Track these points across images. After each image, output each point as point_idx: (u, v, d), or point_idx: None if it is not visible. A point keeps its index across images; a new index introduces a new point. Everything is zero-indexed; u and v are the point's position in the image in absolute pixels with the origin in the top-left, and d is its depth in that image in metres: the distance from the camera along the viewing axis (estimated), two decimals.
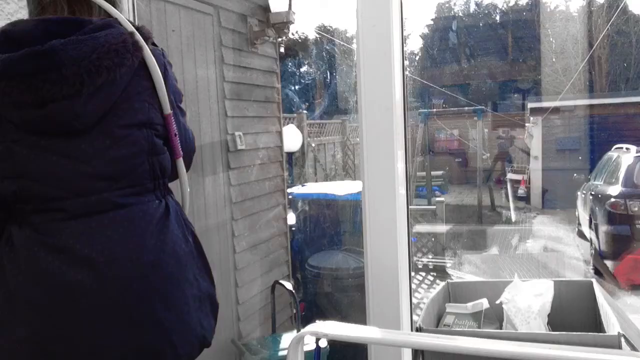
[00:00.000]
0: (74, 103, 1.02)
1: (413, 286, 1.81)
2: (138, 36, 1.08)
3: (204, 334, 1.15)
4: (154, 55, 1.11)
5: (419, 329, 1.47)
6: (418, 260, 6.10)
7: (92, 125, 1.05)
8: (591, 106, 9.36)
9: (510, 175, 10.01)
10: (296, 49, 12.45)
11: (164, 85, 1.12)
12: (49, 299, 1.02)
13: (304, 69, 13.58)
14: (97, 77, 1.02)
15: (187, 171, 1.23)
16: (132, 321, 1.05)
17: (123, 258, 1.05)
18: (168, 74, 1.16)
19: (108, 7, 1.11)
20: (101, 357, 1.04)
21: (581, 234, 6.65)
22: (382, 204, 1.59)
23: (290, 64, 12.62)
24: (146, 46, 1.09)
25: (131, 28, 1.09)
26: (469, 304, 1.60)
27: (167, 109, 1.13)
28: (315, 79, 12.99)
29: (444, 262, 6.22)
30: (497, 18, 13.76)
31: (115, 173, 1.07)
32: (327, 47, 13.03)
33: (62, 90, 1.00)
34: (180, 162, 1.19)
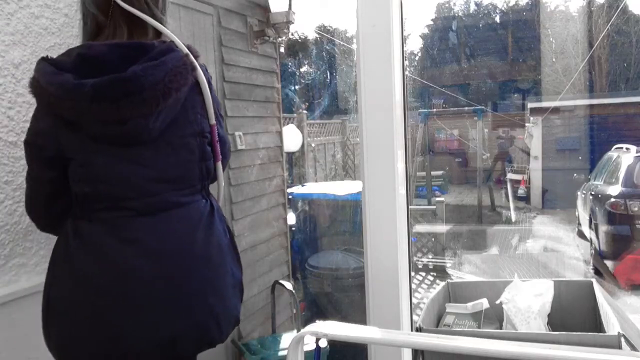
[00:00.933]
0: (148, 120, 1.18)
1: (413, 286, 1.81)
2: (191, 57, 1.23)
3: (236, 315, 1.35)
4: (203, 71, 1.27)
5: (419, 329, 1.47)
6: (418, 260, 6.09)
7: (157, 136, 1.21)
8: (591, 106, 9.36)
9: (510, 175, 10.01)
10: (296, 49, 12.45)
11: (210, 99, 1.28)
12: (118, 285, 1.18)
13: (303, 69, 13.58)
14: (168, 98, 1.18)
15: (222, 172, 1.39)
16: (190, 306, 1.22)
17: (183, 250, 1.23)
18: (212, 87, 1.32)
19: (165, 31, 1.26)
20: (159, 332, 1.20)
21: (581, 234, 6.65)
22: (382, 204, 1.59)
23: (290, 64, 12.62)
24: (198, 65, 1.25)
25: (185, 50, 1.23)
26: (469, 304, 1.60)
27: (213, 120, 1.30)
28: (315, 79, 12.99)
29: (444, 262, 6.22)
30: (497, 18, 13.75)
31: (174, 176, 1.25)
32: (327, 47, 13.03)
33: (142, 110, 1.16)
34: (219, 165, 1.35)
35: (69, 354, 1.23)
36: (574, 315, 1.57)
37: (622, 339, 1.19)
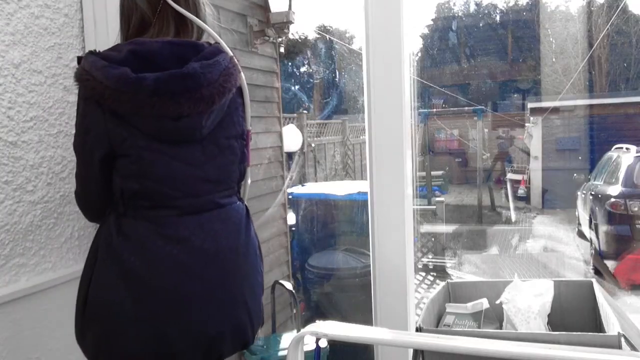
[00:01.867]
0: (202, 118, 1.19)
1: (413, 286, 1.81)
2: (235, 59, 1.26)
3: (263, 317, 1.37)
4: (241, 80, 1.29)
5: (419, 329, 1.47)
6: (418, 261, 6.09)
7: (206, 135, 1.22)
8: (591, 106, 9.36)
9: (510, 175, 10.01)
10: (296, 49, 12.45)
11: (249, 103, 1.31)
12: (164, 283, 1.19)
13: (303, 69, 13.57)
14: (222, 97, 1.20)
15: None
16: (233, 306, 1.25)
17: (225, 250, 1.25)
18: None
19: (212, 32, 1.28)
20: (206, 332, 1.22)
21: (581, 234, 6.64)
22: (390, 204, 1.58)
23: (290, 64, 12.62)
24: (240, 70, 1.26)
25: (230, 52, 1.26)
26: (469, 304, 1.60)
27: (249, 124, 1.32)
28: (315, 79, 12.99)
29: (444, 262, 6.22)
30: (497, 18, 13.74)
31: (219, 177, 1.26)
32: (327, 47, 13.02)
33: (199, 107, 1.17)
34: (249, 169, 1.37)
35: (108, 353, 1.22)
36: (574, 315, 1.57)
37: (622, 339, 1.19)
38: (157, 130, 1.19)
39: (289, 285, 3.10)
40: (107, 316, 1.20)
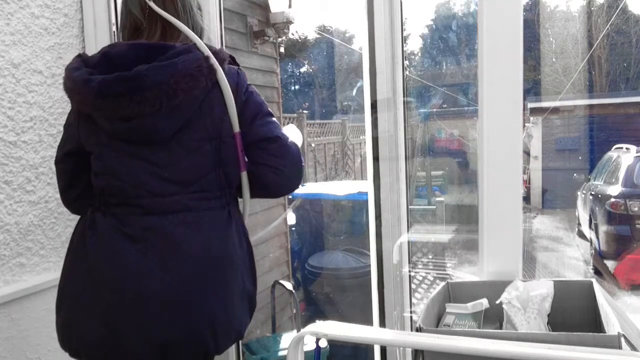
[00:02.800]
0: (155, 119, 1.19)
1: (413, 286, 1.81)
2: (213, 60, 1.22)
3: (239, 329, 1.31)
4: (228, 75, 1.25)
5: (419, 329, 1.47)
6: (418, 261, 6.09)
7: (170, 137, 1.22)
8: (591, 106, 9.35)
9: None
10: (296, 49, 12.45)
11: (233, 104, 1.25)
12: (119, 282, 1.20)
13: (303, 69, 13.57)
14: (174, 99, 1.18)
15: (289, 188, 1.35)
16: (187, 312, 1.21)
17: (187, 255, 1.21)
18: (240, 92, 1.28)
19: (188, 32, 1.27)
20: (158, 334, 1.20)
21: (581, 234, 6.64)
22: (506, 206, 1.52)
23: (290, 63, 12.62)
24: (220, 69, 1.23)
25: (207, 52, 1.22)
26: (469, 304, 1.60)
27: (236, 127, 1.26)
28: (314, 79, 12.98)
29: (444, 262, 6.21)
30: None
31: (187, 179, 1.23)
32: (327, 47, 13.02)
33: (144, 109, 1.17)
34: (244, 176, 1.30)
35: (68, 338, 1.26)
36: (574, 315, 1.57)
37: (622, 339, 1.19)
38: (113, 130, 1.23)
39: (288, 285, 3.10)
40: (70, 304, 1.26)
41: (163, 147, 1.23)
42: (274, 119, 1.32)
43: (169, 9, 1.28)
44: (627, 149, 5.93)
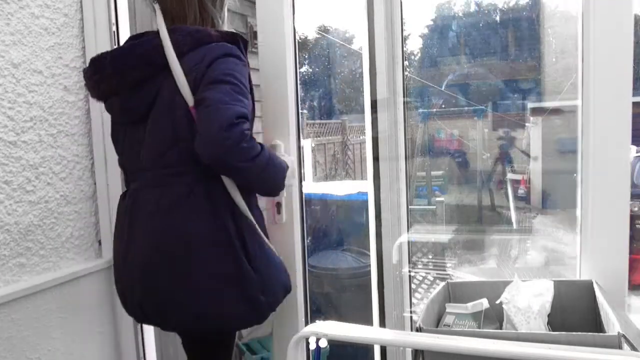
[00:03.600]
0: (120, 99, 1.33)
1: (413, 286, 1.81)
2: (167, 41, 1.27)
3: (205, 313, 1.28)
4: (202, 50, 1.27)
5: (419, 329, 1.47)
6: (418, 261, 6.09)
7: (144, 115, 1.31)
8: None
9: (510, 176, 9.99)
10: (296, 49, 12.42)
11: (183, 79, 1.25)
12: (119, 246, 1.42)
13: (303, 69, 13.57)
14: (127, 77, 1.29)
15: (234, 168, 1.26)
16: (143, 286, 1.32)
17: (153, 228, 1.30)
18: (204, 63, 1.25)
19: (158, 20, 1.34)
20: (137, 300, 1.37)
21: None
22: (613, 195, 1.46)
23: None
24: (171, 51, 1.26)
25: (165, 38, 1.28)
26: (469, 304, 1.60)
27: (189, 102, 1.25)
28: (314, 79, 12.98)
29: (444, 262, 6.21)
30: (497, 18, 13.74)
31: (155, 155, 1.31)
32: (327, 47, 13.02)
33: (108, 87, 1.33)
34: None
35: (124, 303, 1.46)
36: (574, 315, 1.57)
37: (622, 339, 1.19)
38: (107, 111, 1.44)
39: None
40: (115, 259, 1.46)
41: (141, 126, 1.33)
42: (226, 86, 1.22)
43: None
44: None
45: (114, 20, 1.80)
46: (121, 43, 1.84)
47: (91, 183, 1.84)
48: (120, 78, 1.29)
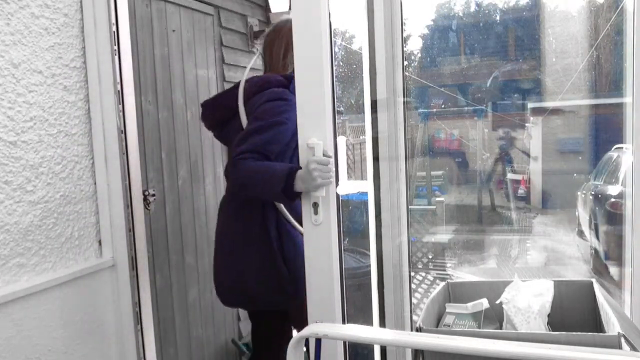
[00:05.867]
0: (216, 131, 2.02)
1: (413, 286, 1.80)
2: (240, 91, 1.85)
3: (243, 287, 1.83)
4: (256, 95, 1.80)
5: (419, 329, 1.47)
6: (418, 261, 6.09)
7: (229, 142, 1.94)
8: (591, 106, 9.35)
9: (510, 176, 10.00)
10: None
11: (244, 120, 1.81)
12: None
13: None
14: (217, 116, 1.97)
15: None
16: (226, 267, 1.89)
17: (219, 227, 1.95)
18: (251, 107, 1.78)
19: (246, 72, 2.02)
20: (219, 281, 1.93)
21: (581, 234, 6.64)
22: None
23: None
24: (241, 97, 1.85)
25: (241, 86, 1.87)
26: (469, 304, 1.60)
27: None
28: None
29: (444, 262, 6.21)
30: (497, 18, 13.74)
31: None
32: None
33: (208, 123, 2.03)
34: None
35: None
36: (574, 315, 1.57)
37: (622, 339, 1.19)
38: None
39: None
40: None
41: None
42: (252, 136, 1.65)
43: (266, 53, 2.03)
44: (627, 149, 5.92)
45: (114, 20, 1.80)
46: (121, 43, 1.84)
47: (91, 183, 1.84)
48: (212, 117, 1.98)
